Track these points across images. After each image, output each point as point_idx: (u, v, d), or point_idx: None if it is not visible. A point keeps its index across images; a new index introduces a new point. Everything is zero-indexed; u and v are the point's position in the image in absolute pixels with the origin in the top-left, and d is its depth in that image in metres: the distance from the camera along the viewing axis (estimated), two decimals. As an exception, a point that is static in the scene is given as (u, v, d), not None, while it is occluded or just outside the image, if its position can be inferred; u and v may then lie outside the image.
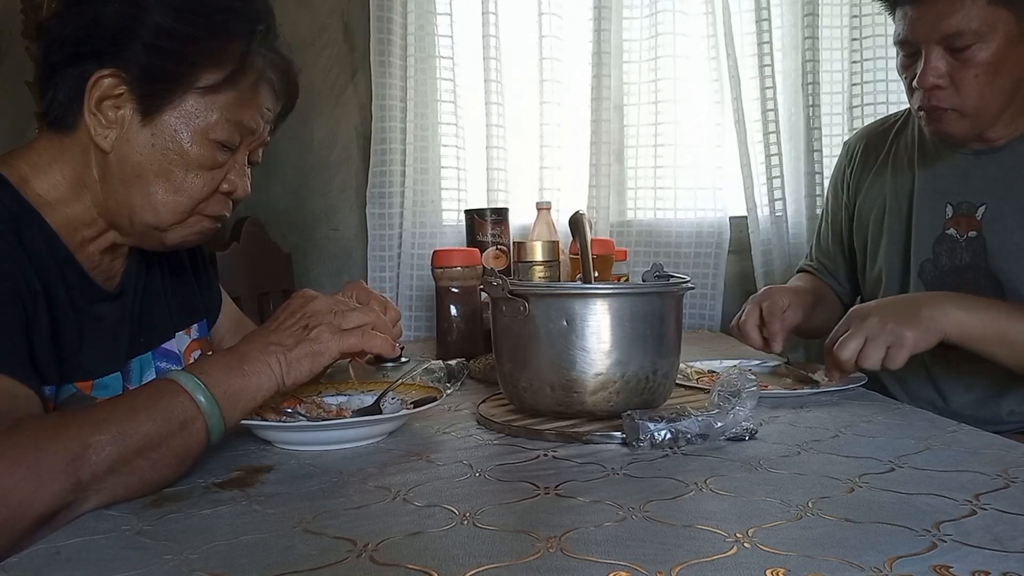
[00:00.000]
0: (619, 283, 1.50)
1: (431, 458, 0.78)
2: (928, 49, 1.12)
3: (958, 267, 1.24)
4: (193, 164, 0.84)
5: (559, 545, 0.54)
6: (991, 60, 1.10)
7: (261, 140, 0.91)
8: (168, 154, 0.83)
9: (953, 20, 1.09)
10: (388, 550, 0.54)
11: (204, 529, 0.60)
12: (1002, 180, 1.19)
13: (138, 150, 0.83)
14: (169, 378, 0.73)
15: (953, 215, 1.24)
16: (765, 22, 1.94)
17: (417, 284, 1.98)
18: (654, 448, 0.79)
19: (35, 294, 0.77)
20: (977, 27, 1.08)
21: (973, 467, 0.70)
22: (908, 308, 1.02)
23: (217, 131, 0.84)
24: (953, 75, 1.12)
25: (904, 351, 0.97)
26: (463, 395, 1.11)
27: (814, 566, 0.49)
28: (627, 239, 2.00)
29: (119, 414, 0.68)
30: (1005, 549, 0.51)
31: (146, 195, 0.84)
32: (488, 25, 1.93)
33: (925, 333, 0.99)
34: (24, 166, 0.84)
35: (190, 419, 0.71)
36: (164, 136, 0.83)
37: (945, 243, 1.25)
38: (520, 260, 1.40)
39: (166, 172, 0.84)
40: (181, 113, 0.83)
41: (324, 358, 0.80)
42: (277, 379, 0.77)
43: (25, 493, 0.61)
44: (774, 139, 1.96)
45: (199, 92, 0.83)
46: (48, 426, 0.65)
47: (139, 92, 0.82)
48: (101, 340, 0.87)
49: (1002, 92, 1.12)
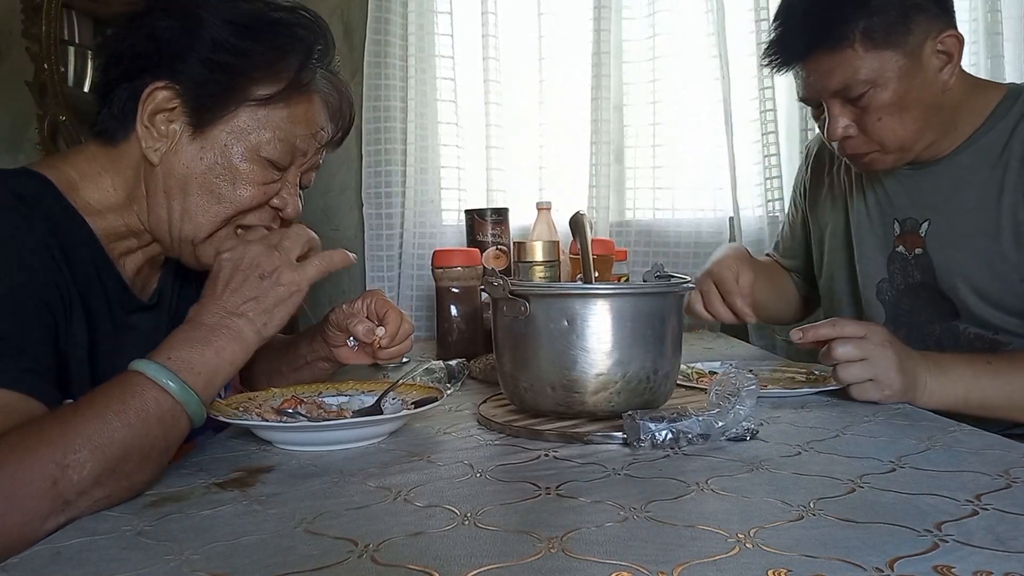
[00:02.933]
0: (620, 283, 1.50)
1: (432, 458, 0.78)
2: (828, 103, 1.13)
3: (912, 285, 1.23)
4: (242, 179, 0.84)
5: (560, 545, 0.54)
6: (892, 100, 1.09)
7: (313, 163, 0.90)
8: (215, 168, 0.83)
9: (838, 75, 1.09)
10: (389, 550, 0.54)
11: (205, 529, 0.59)
12: (941, 195, 1.18)
13: (185, 163, 0.83)
14: (136, 370, 0.69)
15: (900, 232, 1.24)
16: (764, 22, 1.94)
17: (417, 284, 1.98)
18: (655, 448, 0.79)
19: (70, 305, 0.76)
20: (865, 76, 1.08)
21: (974, 467, 0.70)
22: (912, 371, 0.98)
23: (268, 149, 0.84)
24: (859, 122, 1.12)
25: (882, 397, 0.96)
26: (464, 395, 1.11)
27: (816, 566, 0.49)
28: (627, 239, 2.00)
29: (92, 425, 0.64)
30: (1007, 549, 0.51)
31: (185, 206, 0.84)
32: (488, 25, 1.93)
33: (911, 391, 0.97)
34: (72, 172, 0.84)
35: (166, 412, 0.68)
36: (214, 151, 0.83)
37: (896, 261, 1.25)
38: (520, 260, 1.39)
39: (211, 185, 0.83)
40: (233, 128, 0.83)
41: (297, 296, 0.78)
42: (255, 337, 0.75)
43: (11, 525, 0.59)
44: (772, 139, 1.96)
45: (252, 107, 0.82)
46: (19, 451, 0.61)
47: (191, 105, 0.82)
48: (136, 351, 0.87)
49: (915, 121, 1.11)
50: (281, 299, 0.77)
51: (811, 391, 1.04)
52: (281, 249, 0.79)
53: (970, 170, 1.16)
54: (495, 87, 1.94)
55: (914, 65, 1.09)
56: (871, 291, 1.28)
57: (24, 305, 0.72)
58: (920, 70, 1.10)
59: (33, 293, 0.72)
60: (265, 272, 0.77)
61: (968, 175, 1.16)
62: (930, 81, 1.10)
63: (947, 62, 1.11)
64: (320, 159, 0.93)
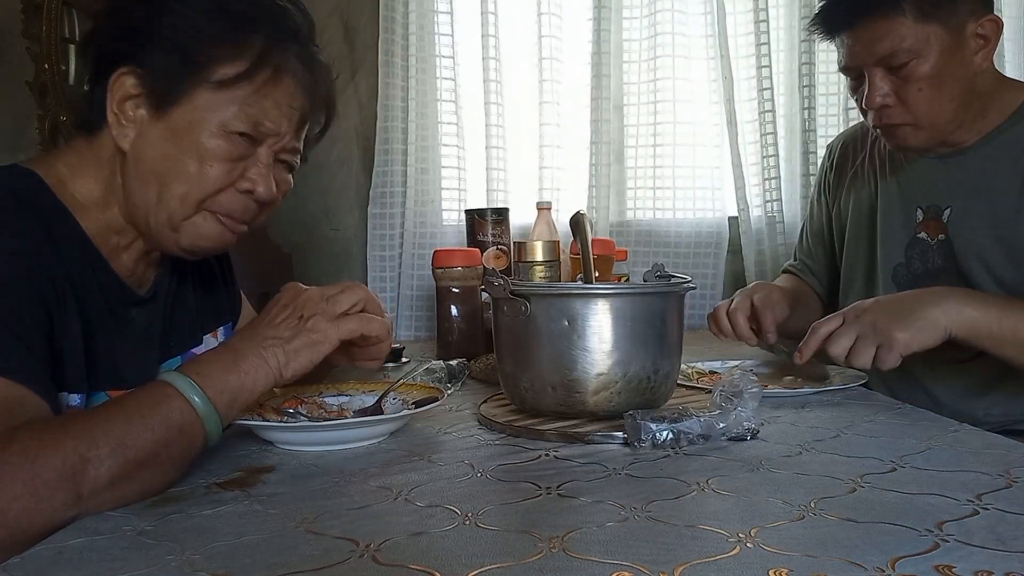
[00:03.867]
0: (620, 283, 1.50)
1: (433, 458, 0.78)
2: (870, 72, 1.16)
3: (930, 271, 1.25)
4: (208, 156, 0.82)
5: (561, 545, 0.54)
6: (932, 73, 1.13)
7: (288, 144, 0.88)
8: (180, 148, 0.82)
9: (886, 42, 1.13)
10: (390, 550, 0.54)
11: (206, 529, 0.59)
12: (966, 182, 1.21)
13: (152, 145, 0.82)
14: (166, 380, 0.71)
15: (923, 219, 1.26)
16: (763, 23, 1.94)
17: (417, 284, 1.98)
18: (656, 448, 0.79)
19: (63, 298, 0.76)
20: (910, 45, 1.12)
21: (975, 467, 0.70)
22: (904, 308, 1.01)
23: (234, 123, 0.82)
24: (898, 92, 1.15)
25: (893, 353, 0.97)
26: (464, 395, 1.11)
27: (817, 566, 0.49)
28: (627, 239, 2.00)
29: (117, 425, 0.66)
30: (1008, 549, 0.51)
31: (158, 192, 0.83)
32: (488, 25, 1.93)
33: (919, 333, 0.99)
34: (62, 167, 0.84)
35: (188, 424, 0.70)
36: (177, 131, 0.82)
37: (917, 247, 1.27)
38: (521, 260, 1.40)
39: (177, 167, 0.82)
40: (196, 108, 0.82)
41: (323, 347, 0.79)
42: (275, 373, 0.76)
43: (23, 510, 0.60)
44: (771, 140, 1.96)
45: (212, 87, 0.81)
46: (46, 439, 0.63)
47: (153, 88, 0.82)
48: (133, 345, 0.86)
49: (951, 99, 1.15)
50: (307, 344, 0.79)
51: (811, 391, 1.04)
52: (330, 301, 0.82)
53: (995, 161, 1.19)
54: (495, 87, 1.94)
55: (955, 42, 1.13)
56: (888, 274, 1.30)
57: (19, 297, 0.72)
58: (960, 49, 1.13)
59: (27, 286, 0.73)
60: (305, 316, 0.80)
61: (992, 166, 1.19)
62: (967, 61, 1.14)
63: (983, 46, 1.15)
64: (299, 143, 0.90)
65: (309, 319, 0.79)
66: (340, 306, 0.82)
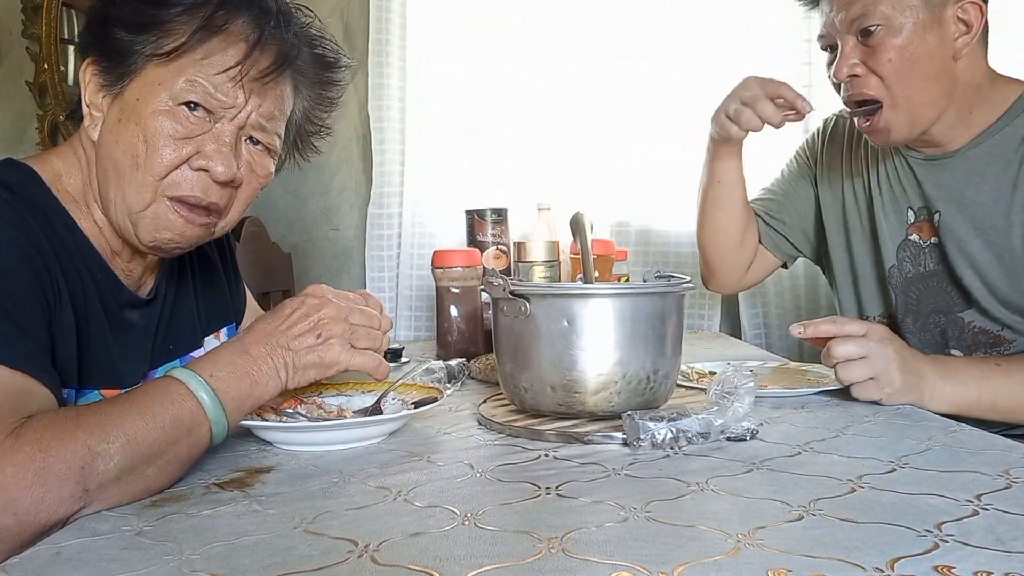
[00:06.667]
0: (620, 283, 1.50)
1: (432, 458, 0.78)
2: (842, 40, 1.16)
3: (923, 274, 1.24)
4: (159, 136, 0.79)
5: (560, 545, 0.54)
6: (903, 44, 1.12)
7: (252, 120, 0.83)
8: (132, 129, 0.80)
9: (860, 3, 1.12)
10: (389, 550, 0.54)
11: (205, 530, 0.59)
12: (954, 187, 1.19)
13: (109, 130, 0.81)
14: (179, 379, 0.71)
15: (915, 220, 1.25)
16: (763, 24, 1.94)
17: (417, 284, 1.98)
18: (655, 448, 0.79)
19: (59, 291, 0.76)
20: (884, 9, 1.11)
21: (975, 467, 0.70)
22: (917, 371, 0.97)
23: (183, 94, 0.79)
24: (867, 62, 1.15)
25: (887, 400, 0.96)
26: (464, 395, 1.11)
27: (816, 566, 0.49)
28: (626, 239, 2.00)
29: (129, 421, 0.66)
30: (1007, 550, 0.51)
31: (117, 180, 0.81)
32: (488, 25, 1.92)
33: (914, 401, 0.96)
34: (59, 163, 0.84)
35: (197, 425, 0.70)
36: (129, 110, 0.80)
37: (908, 249, 1.25)
38: (520, 260, 1.40)
39: (131, 149, 0.79)
40: (142, 83, 0.80)
41: (331, 372, 0.80)
42: (283, 384, 0.77)
43: (32, 500, 0.60)
44: (771, 140, 1.96)
45: (160, 60, 0.79)
46: (57, 430, 0.63)
47: (105, 70, 0.81)
48: (130, 346, 0.86)
49: (924, 79, 1.13)
50: (317, 365, 0.79)
51: (811, 391, 1.04)
52: (352, 330, 0.82)
53: (985, 163, 1.17)
54: (495, 87, 1.94)
55: (932, 20, 1.12)
56: (881, 276, 1.29)
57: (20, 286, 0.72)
58: (937, 27, 1.12)
59: (26, 275, 0.73)
60: (320, 336, 0.80)
61: (983, 168, 1.17)
62: (944, 42, 1.13)
63: (964, 32, 1.13)
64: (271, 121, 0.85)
65: (324, 341, 0.79)
66: (359, 342, 0.82)
